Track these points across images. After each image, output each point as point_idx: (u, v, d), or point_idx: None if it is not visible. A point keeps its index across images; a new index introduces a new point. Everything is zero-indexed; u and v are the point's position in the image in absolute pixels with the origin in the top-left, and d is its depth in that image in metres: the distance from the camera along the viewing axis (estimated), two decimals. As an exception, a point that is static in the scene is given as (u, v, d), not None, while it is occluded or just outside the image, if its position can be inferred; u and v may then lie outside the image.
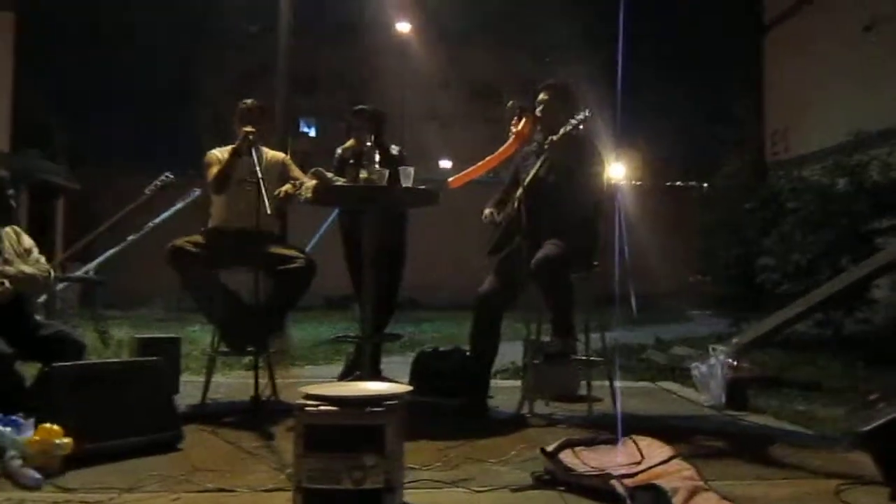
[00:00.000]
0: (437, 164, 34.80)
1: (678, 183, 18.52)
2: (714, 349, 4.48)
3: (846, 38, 11.65)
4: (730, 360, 4.22)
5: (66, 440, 2.67)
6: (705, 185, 11.96)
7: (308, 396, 2.27)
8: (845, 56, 11.64)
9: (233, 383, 4.94)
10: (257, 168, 3.74)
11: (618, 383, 4.07)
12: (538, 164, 4.00)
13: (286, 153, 4.82)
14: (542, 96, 4.10)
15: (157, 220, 8.61)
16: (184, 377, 4.77)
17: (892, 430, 2.49)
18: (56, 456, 2.65)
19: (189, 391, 4.30)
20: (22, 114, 14.57)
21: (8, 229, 3.71)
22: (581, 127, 3.77)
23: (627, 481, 2.39)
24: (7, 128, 13.74)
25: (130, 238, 8.65)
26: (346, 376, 4.67)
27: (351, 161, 4.35)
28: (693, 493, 2.30)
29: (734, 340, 5.16)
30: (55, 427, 2.69)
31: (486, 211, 4.20)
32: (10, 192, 3.75)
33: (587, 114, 3.74)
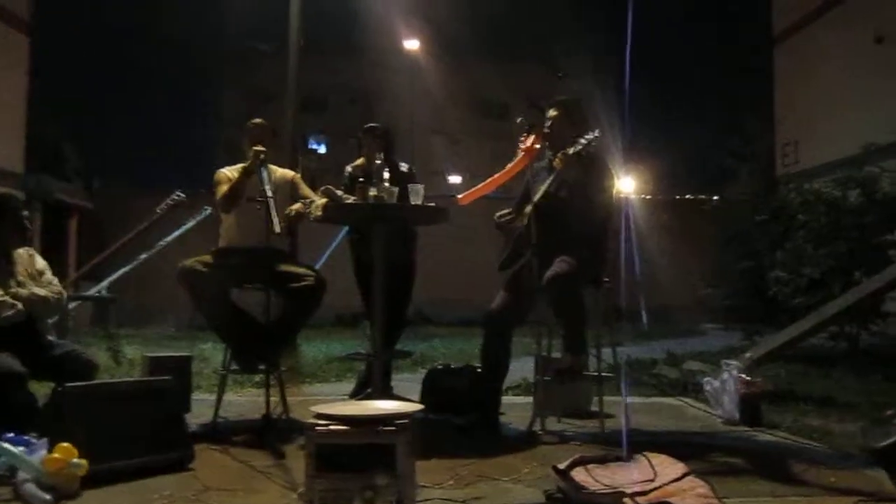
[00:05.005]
0: (447, 181, 34.88)
1: (688, 196, 18.45)
2: (727, 364, 4.45)
3: (857, 49, 11.66)
4: (743, 375, 4.19)
5: (82, 460, 2.67)
6: (716, 197, 11.92)
7: (319, 416, 2.27)
8: (856, 68, 11.65)
9: (244, 401, 4.94)
10: (266, 187, 3.75)
11: (630, 399, 4.04)
12: (548, 180, 4.00)
13: (296, 171, 4.85)
14: (551, 112, 4.11)
15: (168, 239, 8.66)
16: (195, 395, 4.77)
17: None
18: (72, 476, 2.65)
19: (200, 409, 4.30)
20: (35, 135, 14.72)
21: (21, 251, 3.74)
22: (592, 146, 3.77)
23: (640, 499, 2.37)
24: (21, 148, 13.88)
25: (142, 257, 8.69)
26: (357, 394, 4.67)
27: (360, 179, 4.37)
28: (707, 510, 2.28)
29: (747, 355, 5.12)
30: (71, 447, 2.70)
31: (497, 214, 4.20)
32: (25, 213, 3.78)
33: (596, 134, 3.74)
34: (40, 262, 3.80)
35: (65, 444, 2.69)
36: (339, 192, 4.09)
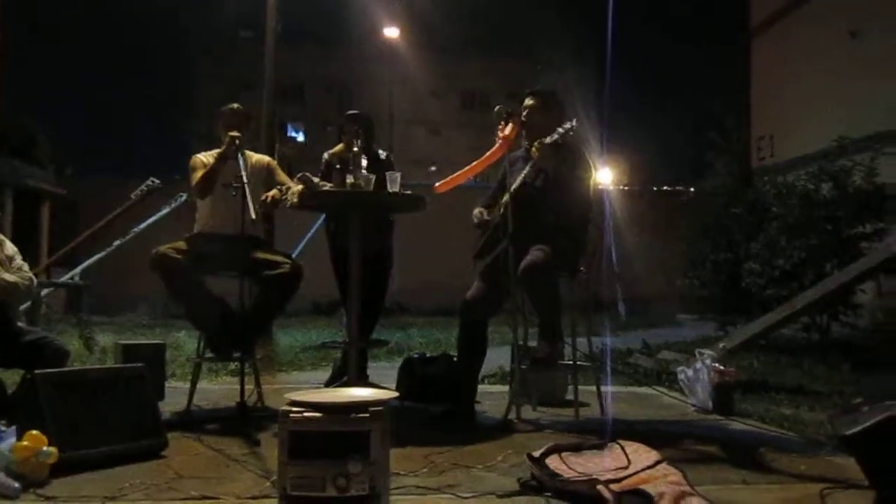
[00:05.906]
0: (425, 170, 34.84)
1: (665, 187, 18.59)
2: (700, 353, 4.49)
3: (831, 44, 11.77)
4: (716, 365, 4.23)
5: (52, 448, 2.64)
6: (692, 189, 12.01)
7: (292, 403, 2.25)
8: (830, 62, 11.76)
9: (218, 389, 4.91)
10: (243, 173, 3.71)
11: (605, 388, 4.06)
12: (525, 169, 4.00)
13: (273, 158, 4.81)
14: (527, 102, 4.10)
15: (142, 226, 8.58)
16: (169, 383, 4.74)
17: (876, 434, 2.50)
18: (42, 464, 2.61)
19: (174, 397, 4.27)
20: (7, 120, 14.46)
21: (-9, 236, 3.67)
22: (568, 135, 3.78)
23: (614, 486, 2.39)
24: (-8, 133, 13.62)
25: (116, 243, 8.60)
26: (333, 382, 4.65)
27: (338, 166, 4.34)
28: (679, 497, 2.30)
29: (721, 344, 5.18)
30: (41, 435, 2.66)
31: (476, 211, 4.19)
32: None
33: (573, 123, 3.75)
34: (10, 248, 3.73)
35: (34, 432, 2.65)
36: (316, 179, 4.06)
